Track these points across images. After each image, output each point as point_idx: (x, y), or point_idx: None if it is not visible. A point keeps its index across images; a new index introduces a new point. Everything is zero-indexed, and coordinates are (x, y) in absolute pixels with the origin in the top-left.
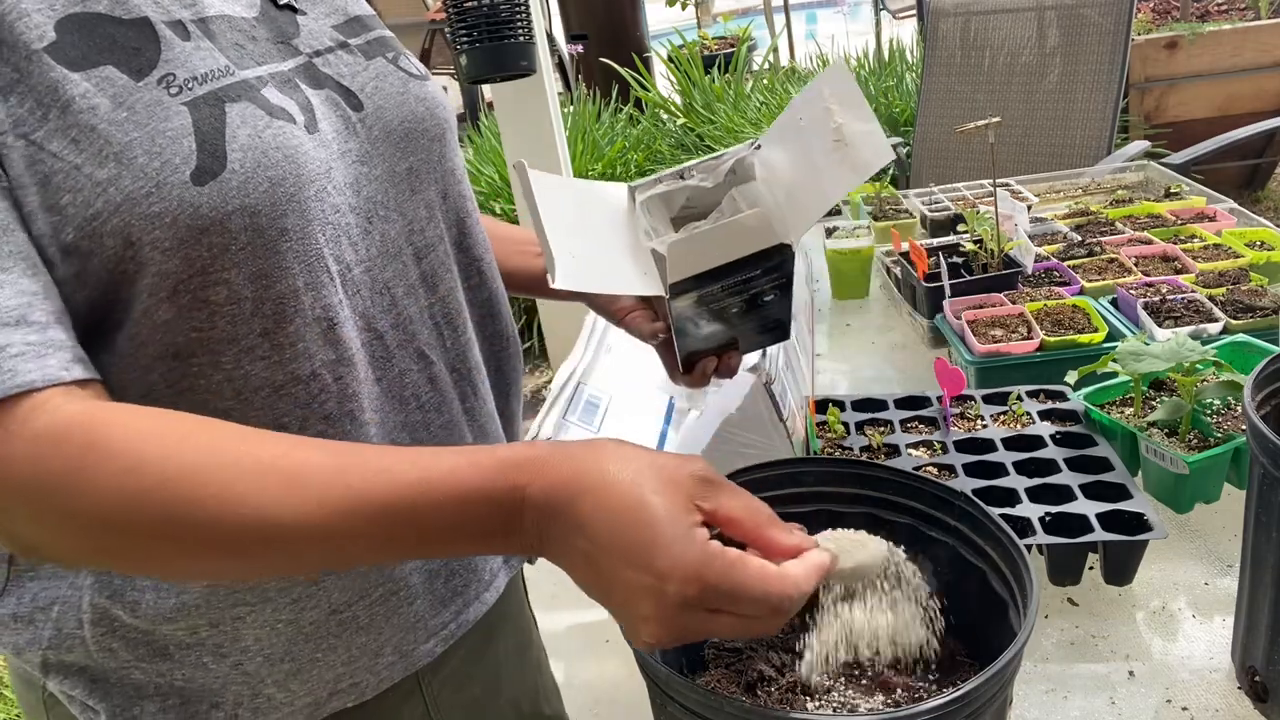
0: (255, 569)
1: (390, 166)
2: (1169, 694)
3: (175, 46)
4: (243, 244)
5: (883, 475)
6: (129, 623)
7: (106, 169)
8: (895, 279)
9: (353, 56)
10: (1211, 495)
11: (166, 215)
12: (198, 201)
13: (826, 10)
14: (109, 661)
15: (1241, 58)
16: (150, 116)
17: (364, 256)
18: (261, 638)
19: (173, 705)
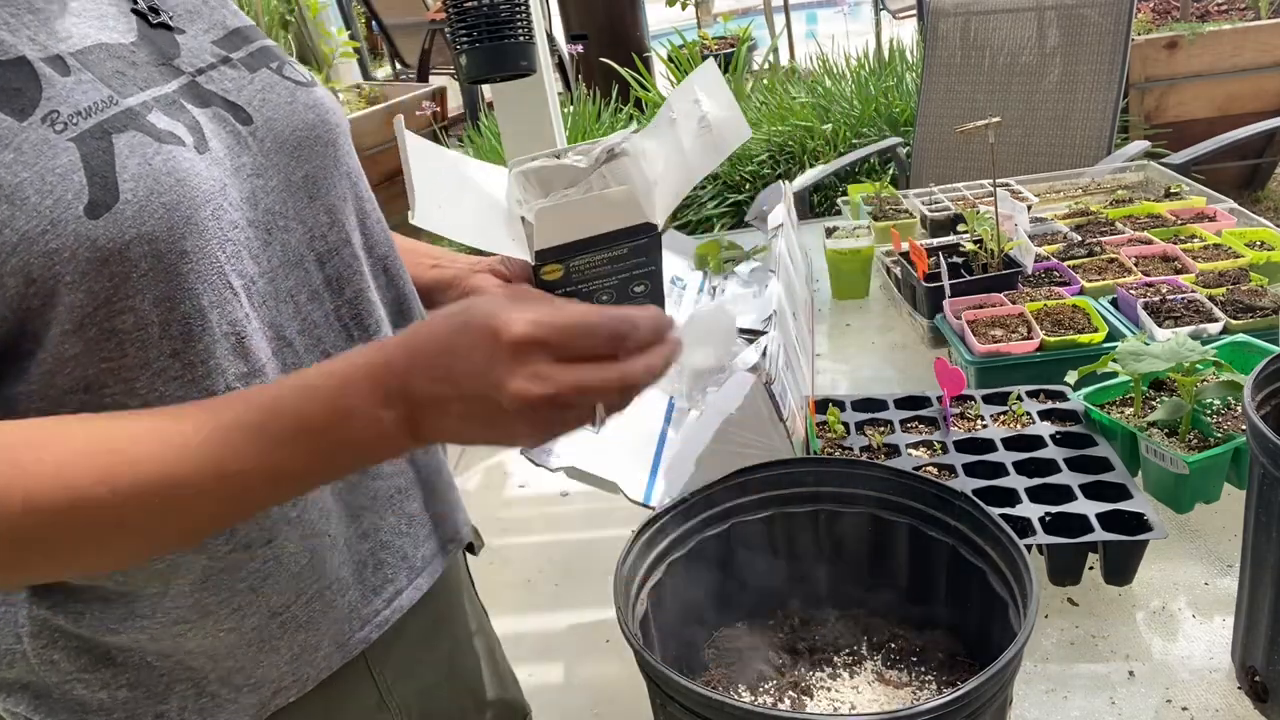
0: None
1: (286, 176)
2: (1169, 694)
3: (56, 83)
4: (144, 270)
5: (883, 475)
6: (71, 632)
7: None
8: (895, 279)
9: (236, 71)
10: (1211, 495)
11: (65, 250)
12: (94, 234)
13: (826, 10)
14: (51, 675)
15: (1241, 58)
16: (38, 156)
17: (266, 268)
18: (205, 646)
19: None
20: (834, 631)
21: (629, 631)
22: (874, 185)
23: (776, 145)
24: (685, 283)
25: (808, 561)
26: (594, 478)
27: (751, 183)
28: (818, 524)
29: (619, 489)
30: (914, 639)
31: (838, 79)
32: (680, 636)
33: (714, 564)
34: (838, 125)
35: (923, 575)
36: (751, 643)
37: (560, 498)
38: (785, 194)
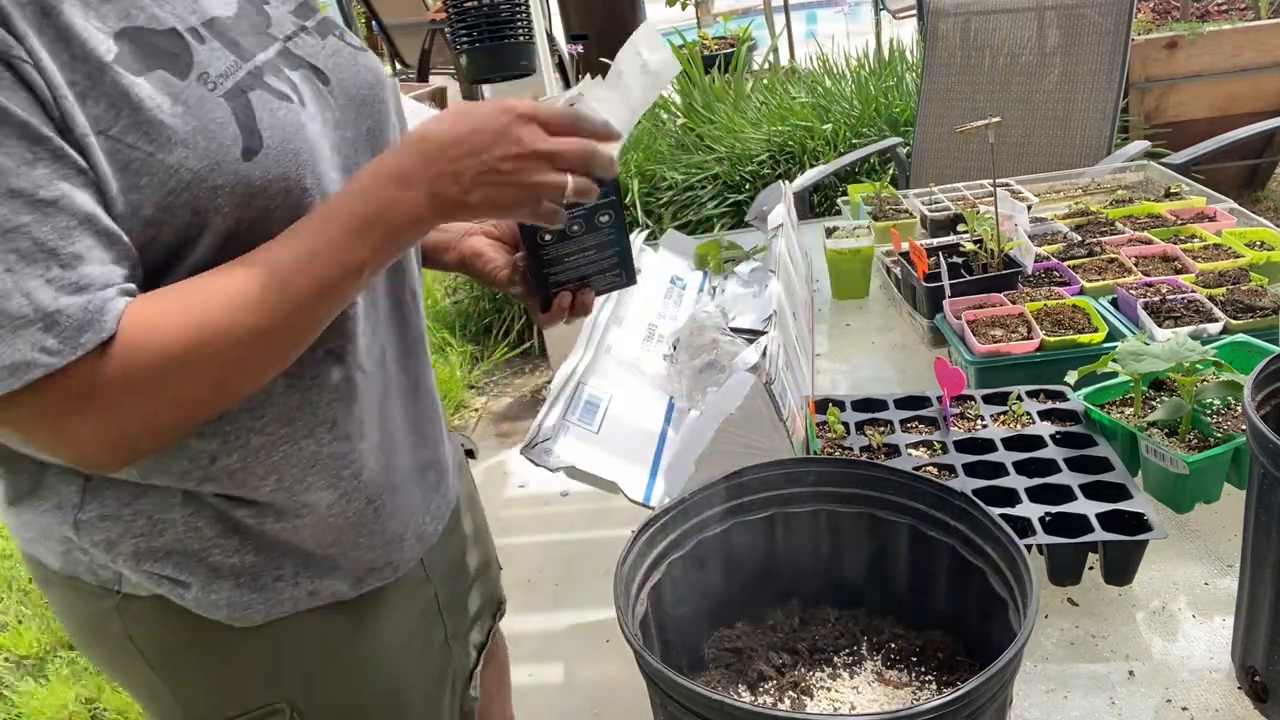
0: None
1: (357, 129)
2: (1169, 694)
3: (199, 50)
4: (279, 204)
5: (883, 475)
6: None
7: (175, 154)
8: (895, 279)
9: (312, 37)
10: (1211, 495)
11: (225, 187)
12: (248, 174)
13: (826, 10)
14: (194, 542)
15: (1241, 58)
16: (200, 109)
17: None
18: (317, 532)
19: (245, 581)
20: (834, 631)
21: (629, 631)
22: (874, 185)
23: (776, 145)
24: (685, 283)
25: (808, 562)
26: (594, 478)
27: (751, 183)
28: (818, 524)
29: (619, 489)
30: (914, 639)
31: (838, 79)
32: (680, 636)
33: (714, 564)
34: (838, 125)
35: (923, 575)
36: (751, 643)
37: (560, 498)
38: (785, 194)
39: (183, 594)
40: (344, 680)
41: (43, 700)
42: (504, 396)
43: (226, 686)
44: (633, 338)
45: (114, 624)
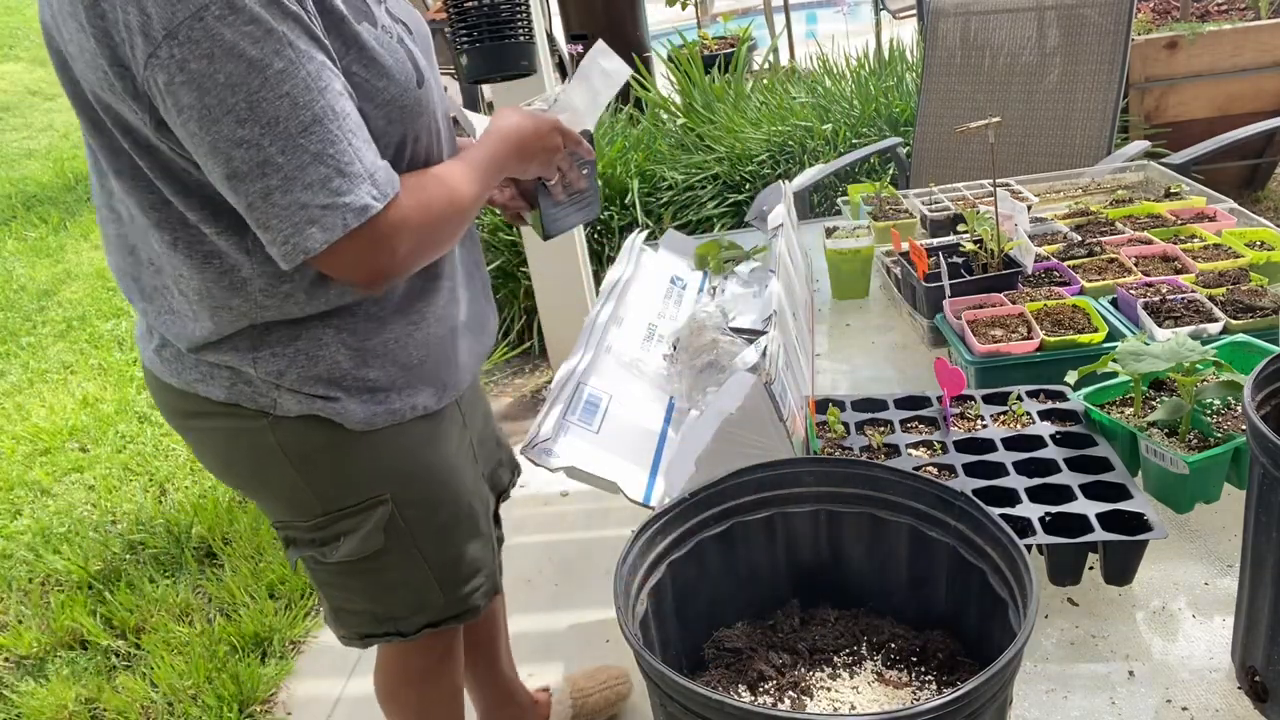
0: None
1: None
2: (1169, 694)
3: (375, 8)
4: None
5: (883, 475)
6: (350, 343)
7: (382, 81)
8: (895, 279)
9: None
10: (1211, 495)
11: (410, 106)
12: (420, 98)
13: (826, 10)
14: (335, 371)
15: (1241, 58)
16: (390, 51)
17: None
18: (418, 349)
19: (370, 397)
20: (834, 631)
21: (629, 631)
22: (874, 185)
23: (776, 145)
24: (685, 283)
25: (808, 561)
26: (594, 478)
27: (751, 183)
28: (818, 524)
29: (619, 489)
30: (914, 639)
31: (838, 79)
32: (680, 636)
33: (714, 564)
34: (838, 125)
35: (923, 575)
36: (751, 643)
37: (560, 497)
38: (785, 194)
39: (326, 408)
40: (425, 479)
41: (43, 700)
42: (504, 396)
43: (349, 481)
44: (633, 338)
45: (268, 437)
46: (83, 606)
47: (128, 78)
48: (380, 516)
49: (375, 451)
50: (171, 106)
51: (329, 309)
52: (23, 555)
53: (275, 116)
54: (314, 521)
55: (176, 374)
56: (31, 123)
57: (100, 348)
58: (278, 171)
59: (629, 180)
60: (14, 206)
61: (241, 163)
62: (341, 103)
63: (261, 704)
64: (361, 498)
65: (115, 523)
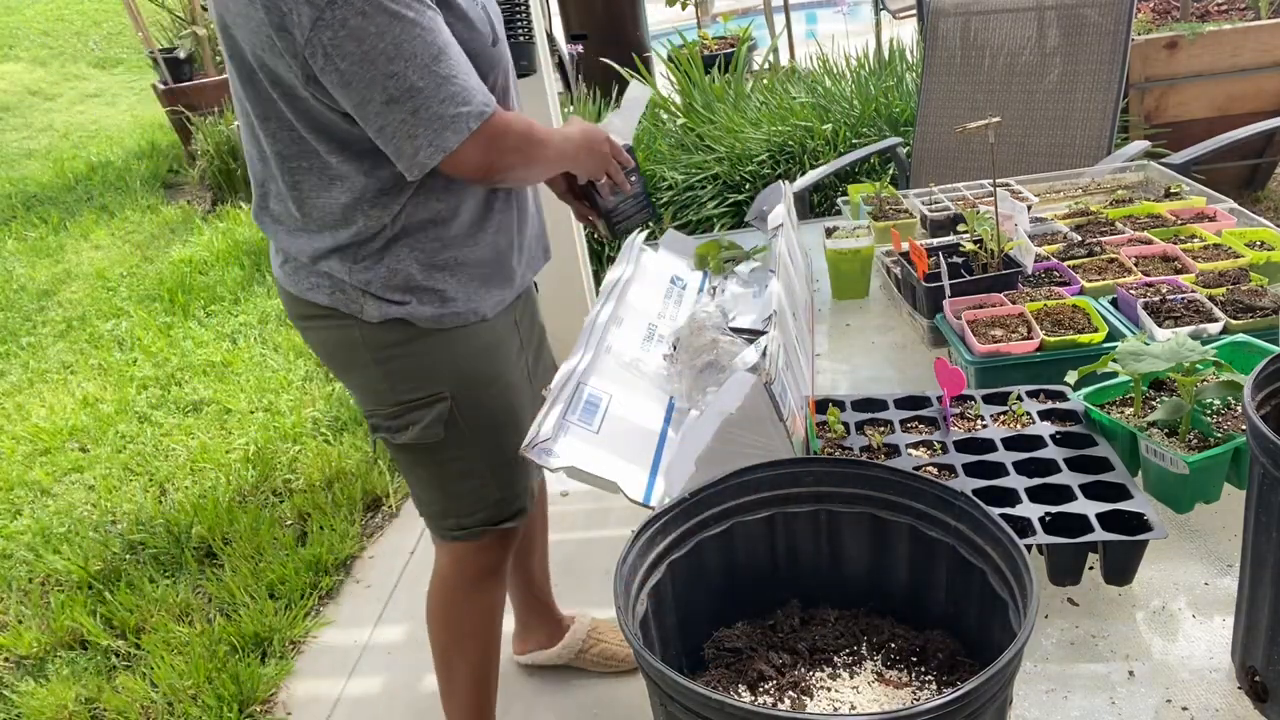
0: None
1: (497, 33)
2: (1169, 694)
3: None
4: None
5: (883, 475)
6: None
7: (470, 33)
8: (895, 279)
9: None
10: (1211, 495)
11: (485, 56)
12: (493, 54)
13: (826, 10)
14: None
15: (1241, 58)
16: (472, 11)
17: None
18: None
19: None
20: (834, 631)
21: (629, 631)
22: (874, 185)
23: (776, 145)
24: (685, 283)
25: (808, 561)
26: (594, 478)
27: (751, 183)
28: (818, 524)
29: (619, 489)
30: (914, 639)
31: (838, 79)
32: (680, 636)
33: (714, 564)
34: (838, 125)
35: (923, 575)
36: (751, 643)
37: (560, 497)
38: (785, 194)
39: (399, 310)
40: (483, 384)
41: (43, 700)
42: None
43: (416, 376)
44: (633, 338)
45: (356, 334)
46: (83, 606)
47: (288, 39)
48: (440, 411)
49: (439, 353)
50: (336, 55)
51: (409, 231)
52: (23, 555)
53: (414, 52)
54: (389, 410)
55: (294, 283)
56: (31, 123)
57: (100, 348)
58: (420, 93)
59: None
60: (14, 206)
61: (396, 90)
62: (452, 42)
63: (261, 704)
64: (425, 393)
65: (115, 523)
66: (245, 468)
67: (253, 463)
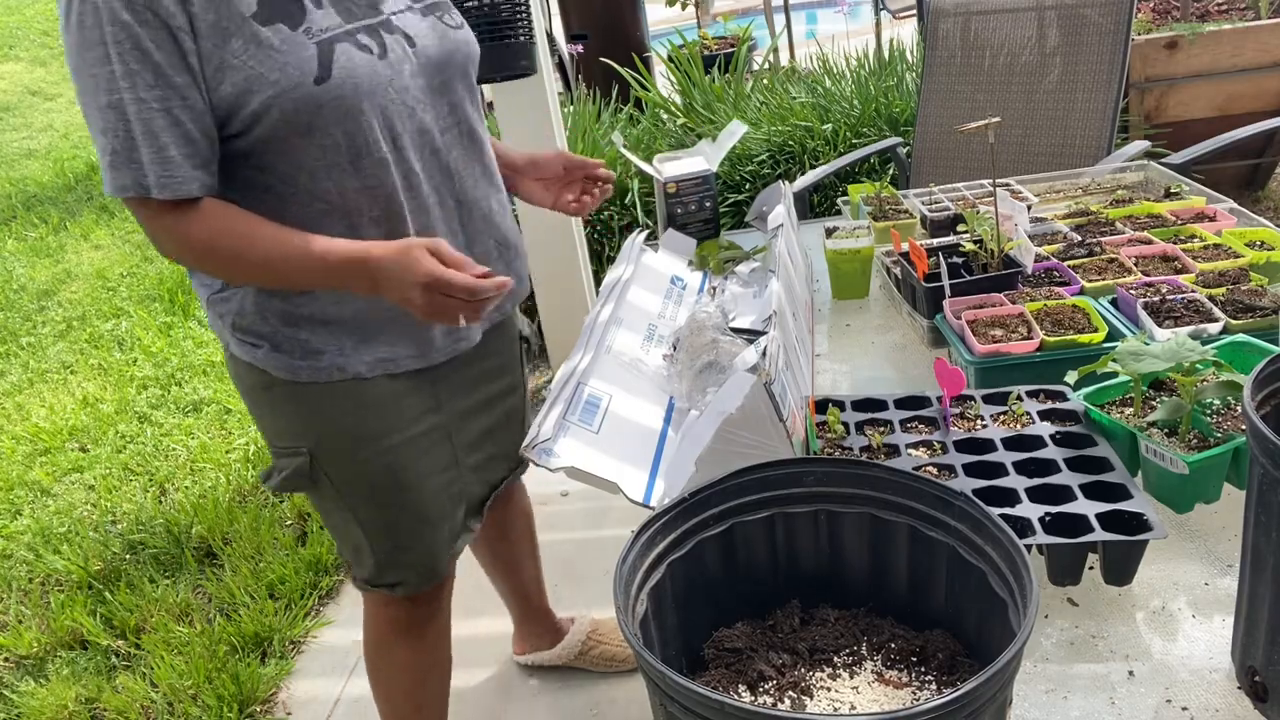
0: (278, 279)
1: (429, 80)
2: (1169, 694)
3: (312, 13)
4: (339, 115)
5: (883, 475)
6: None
7: (276, 74)
8: (895, 279)
9: (414, 15)
10: (1211, 495)
11: (302, 98)
12: (317, 94)
13: (826, 10)
14: (264, 327)
15: (1241, 58)
16: (298, 50)
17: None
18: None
19: (299, 354)
20: (834, 631)
21: (629, 631)
22: (874, 185)
23: (776, 145)
24: (685, 283)
25: (808, 561)
26: (594, 478)
27: (751, 183)
28: (818, 524)
29: (619, 489)
30: (914, 639)
31: (838, 79)
32: (680, 636)
33: (714, 564)
34: (838, 125)
35: (923, 575)
36: (751, 643)
37: (560, 498)
38: (785, 194)
39: (253, 354)
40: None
41: (43, 700)
42: None
43: (274, 424)
44: (633, 338)
45: (233, 368)
46: (83, 606)
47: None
48: (300, 465)
49: (296, 406)
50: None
51: None
52: (23, 555)
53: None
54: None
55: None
56: (31, 123)
57: (100, 348)
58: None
59: (629, 180)
60: (14, 206)
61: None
62: (144, 100)
63: (261, 704)
64: (285, 444)
65: (115, 523)
66: (245, 468)
67: (253, 463)
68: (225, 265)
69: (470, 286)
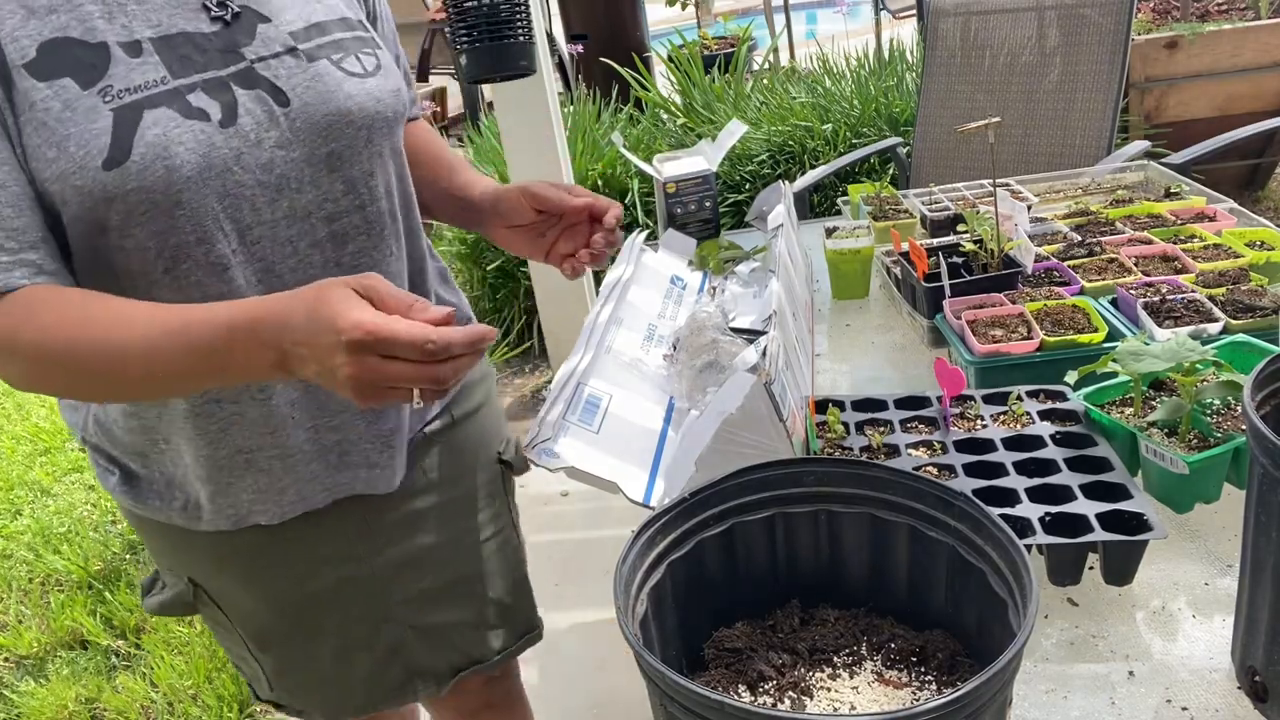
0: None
1: (310, 150)
2: (1169, 694)
3: (122, 64)
4: (142, 211)
5: (883, 475)
6: (117, 435)
7: (54, 151)
8: (895, 279)
9: (296, 60)
10: (1211, 495)
11: (85, 188)
12: (105, 181)
13: (826, 10)
14: (112, 449)
15: (1241, 58)
16: (85, 118)
17: (268, 219)
18: (190, 462)
19: (155, 489)
20: (834, 631)
21: (629, 631)
22: (874, 185)
23: (776, 145)
24: (685, 283)
25: (808, 561)
26: (594, 478)
27: (751, 183)
28: (818, 524)
29: (619, 489)
30: (914, 639)
31: (838, 79)
32: (680, 636)
33: (714, 564)
34: (838, 125)
35: (923, 575)
36: (751, 643)
37: (560, 497)
38: (785, 194)
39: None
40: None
41: (43, 700)
42: (504, 396)
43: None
44: (633, 338)
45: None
46: (83, 606)
47: None
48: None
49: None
50: None
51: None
52: (23, 555)
53: None
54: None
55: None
56: None
57: None
58: None
59: (629, 180)
60: None
61: None
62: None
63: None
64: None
65: (115, 523)
66: None
67: None
68: (56, 368)
69: (425, 340)
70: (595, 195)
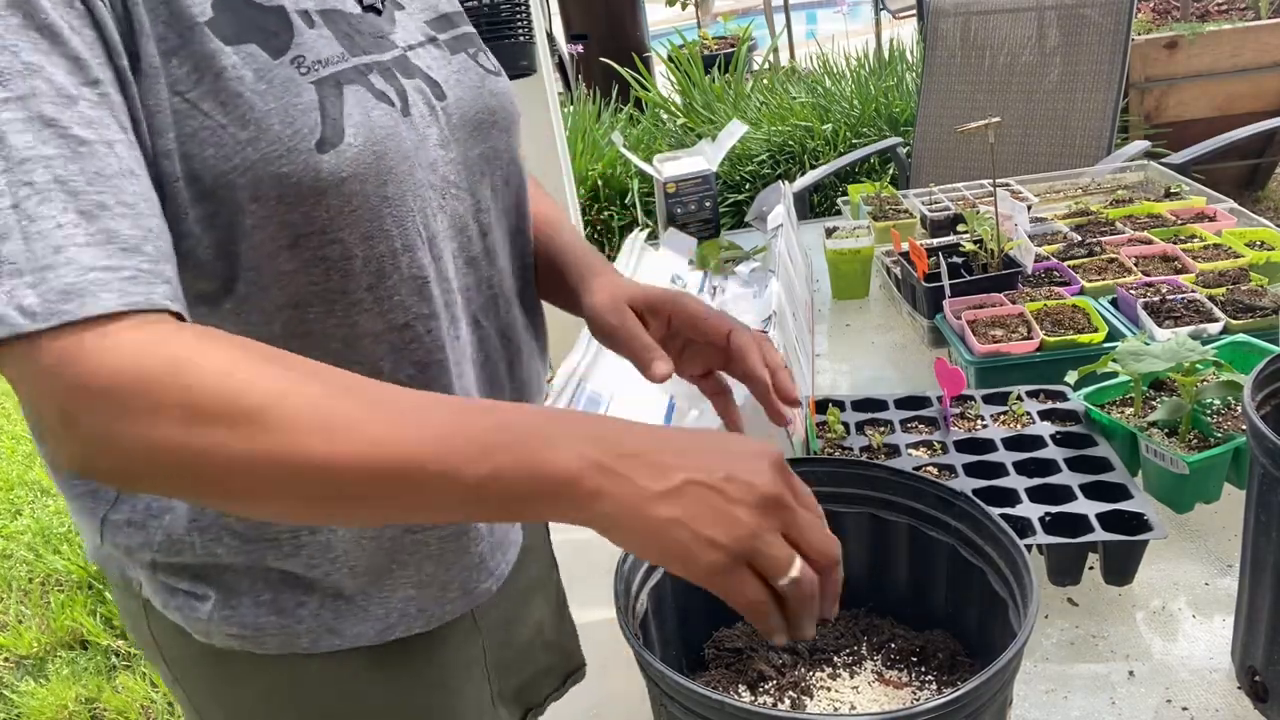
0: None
1: (464, 151)
2: (1169, 694)
3: (303, 33)
4: (354, 207)
5: (883, 475)
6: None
7: (247, 131)
8: (895, 279)
9: (440, 51)
10: (1211, 495)
11: (293, 176)
12: (320, 167)
13: (826, 10)
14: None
15: (1241, 58)
16: (285, 91)
17: (438, 229)
18: (349, 550)
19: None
20: (834, 631)
21: (629, 631)
22: (874, 185)
23: (776, 145)
24: (685, 282)
25: None
26: None
27: (751, 183)
28: None
29: None
30: (914, 639)
31: (838, 79)
32: (680, 636)
33: None
34: (838, 125)
35: (923, 575)
36: (751, 643)
37: None
38: (785, 194)
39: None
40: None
41: (43, 700)
42: None
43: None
44: None
45: (143, 624)
46: (83, 606)
47: None
48: None
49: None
50: None
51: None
52: (23, 555)
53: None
54: None
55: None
56: None
57: None
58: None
59: (629, 180)
60: None
61: None
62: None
63: None
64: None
65: None
66: None
67: None
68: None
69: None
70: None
